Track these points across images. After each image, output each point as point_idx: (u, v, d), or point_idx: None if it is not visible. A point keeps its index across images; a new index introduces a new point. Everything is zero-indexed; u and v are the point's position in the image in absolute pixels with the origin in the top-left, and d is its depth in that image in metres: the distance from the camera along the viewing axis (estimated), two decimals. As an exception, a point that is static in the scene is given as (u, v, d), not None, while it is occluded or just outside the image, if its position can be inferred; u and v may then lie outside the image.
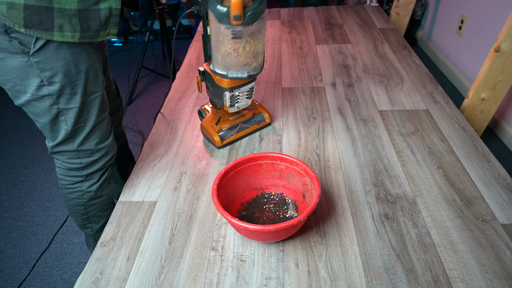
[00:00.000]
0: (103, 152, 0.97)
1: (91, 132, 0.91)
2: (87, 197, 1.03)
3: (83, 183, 1.00)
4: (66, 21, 0.73)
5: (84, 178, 0.99)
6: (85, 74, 0.84)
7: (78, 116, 0.87)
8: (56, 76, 0.79)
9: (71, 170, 0.97)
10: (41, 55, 0.76)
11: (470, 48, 2.15)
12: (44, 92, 0.80)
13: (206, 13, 0.97)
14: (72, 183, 1.00)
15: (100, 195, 1.05)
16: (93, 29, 0.77)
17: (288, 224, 0.68)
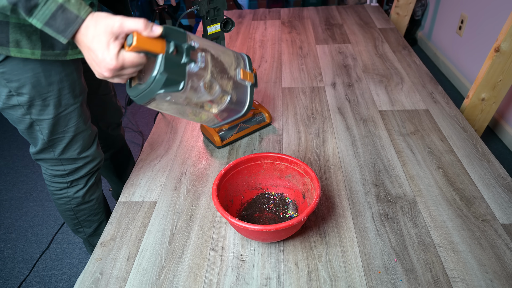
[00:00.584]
0: (87, 159, 0.97)
1: (71, 142, 0.90)
2: (75, 203, 1.03)
3: (69, 189, 1.00)
4: (24, 37, 0.69)
5: (70, 184, 0.99)
6: (58, 85, 0.79)
7: (53, 127, 0.85)
8: (24, 87, 0.76)
9: (56, 176, 0.97)
10: (6, 66, 0.73)
11: (470, 48, 2.15)
12: (14, 102, 0.78)
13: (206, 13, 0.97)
14: (58, 189, 1.00)
15: (88, 200, 1.05)
16: (58, 48, 0.74)
17: (288, 224, 0.68)
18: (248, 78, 0.66)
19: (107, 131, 1.19)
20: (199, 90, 0.60)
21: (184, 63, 0.56)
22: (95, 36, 0.54)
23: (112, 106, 1.16)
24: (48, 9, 0.54)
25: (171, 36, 0.55)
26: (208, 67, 0.61)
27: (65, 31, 0.56)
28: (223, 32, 1.03)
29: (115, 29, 0.54)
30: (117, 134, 1.24)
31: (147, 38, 0.54)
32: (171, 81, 0.55)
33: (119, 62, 0.55)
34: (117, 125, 1.22)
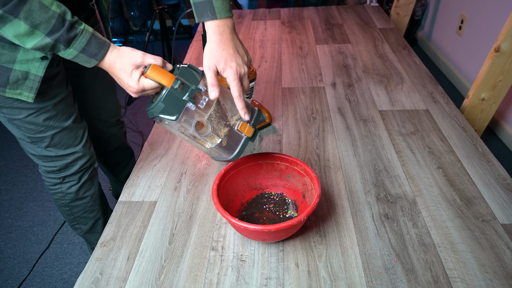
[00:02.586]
0: (76, 156, 0.97)
1: (54, 139, 0.91)
2: (69, 198, 1.05)
3: (62, 184, 1.01)
4: None
5: (62, 180, 1.00)
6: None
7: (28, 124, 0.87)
8: None
9: (49, 172, 0.99)
10: None
11: (470, 48, 2.15)
12: None
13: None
14: (52, 184, 1.02)
15: (82, 197, 1.06)
16: None
17: (288, 224, 0.68)
18: (245, 131, 0.71)
19: (102, 129, 1.19)
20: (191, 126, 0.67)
21: (185, 100, 0.64)
22: (121, 68, 0.67)
23: (108, 105, 1.15)
24: (84, 38, 0.64)
25: (183, 75, 0.65)
26: (209, 109, 0.68)
27: (97, 54, 0.66)
28: (223, 32, 1.03)
29: (138, 62, 0.66)
30: (114, 132, 1.24)
31: (159, 72, 0.64)
32: (167, 111, 0.64)
33: (140, 87, 0.67)
34: (114, 123, 1.22)
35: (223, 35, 0.67)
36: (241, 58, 0.69)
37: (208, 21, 0.67)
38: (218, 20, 0.66)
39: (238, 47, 0.69)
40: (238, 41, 0.70)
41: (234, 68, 0.67)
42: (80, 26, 0.64)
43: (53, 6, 0.61)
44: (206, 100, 0.67)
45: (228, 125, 0.70)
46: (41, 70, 0.77)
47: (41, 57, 0.76)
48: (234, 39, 0.69)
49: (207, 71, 0.66)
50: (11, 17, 0.58)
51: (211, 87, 0.67)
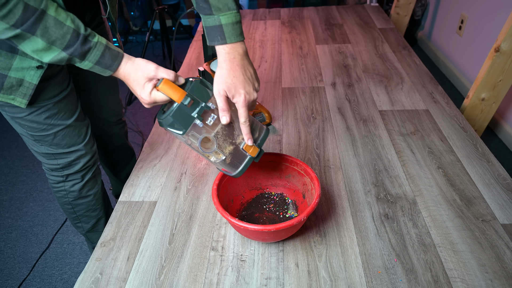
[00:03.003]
0: (79, 154, 0.98)
1: (57, 136, 0.92)
2: (72, 197, 1.05)
3: (65, 182, 1.02)
4: None
5: (66, 178, 1.01)
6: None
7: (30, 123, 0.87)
8: None
9: (52, 170, 0.99)
10: None
11: (470, 48, 2.15)
12: None
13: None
14: (56, 182, 1.02)
15: (85, 195, 1.06)
16: None
17: (288, 224, 0.68)
18: (250, 151, 0.72)
19: (103, 127, 1.19)
20: (198, 141, 0.69)
21: (193, 117, 0.66)
22: (135, 79, 0.68)
23: (110, 104, 1.15)
24: (98, 50, 0.66)
25: (194, 92, 0.66)
26: (216, 127, 0.69)
27: (112, 65, 0.68)
28: (223, 32, 1.03)
29: (151, 75, 0.68)
30: (115, 132, 1.24)
31: (170, 87, 0.65)
32: (175, 125, 0.66)
33: (151, 99, 0.68)
34: (115, 123, 1.22)
35: (234, 62, 0.67)
36: (251, 85, 0.69)
37: (218, 45, 0.67)
38: (228, 44, 0.67)
39: (248, 74, 0.70)
40: (249, 66, 0.70)
41: (243, 95, 0.68)
42: (94, 39, 0.65)
43: (68, 21, 0.62)
44: (215, 118, 0.68)
45: (233, 143, 0.71)
46: (36, 78, 0.78)
47: (37, 66, 0.77)
48: (245, 65, 0.69)
49: (217, 96, 0.67)
50: (28, 35, 0.61)
51: (222, 112, 0.68)
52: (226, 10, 0.65)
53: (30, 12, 0.59)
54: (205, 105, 0.66)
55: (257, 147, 0.72)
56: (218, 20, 0.66)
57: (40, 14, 0.60)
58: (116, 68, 0.68)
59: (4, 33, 0.60)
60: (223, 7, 0.65)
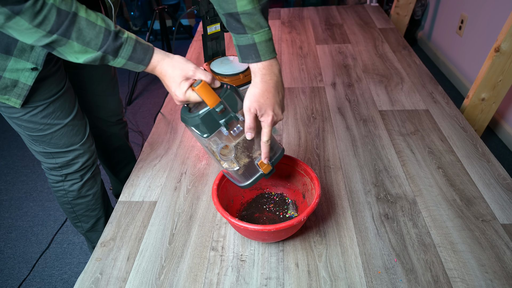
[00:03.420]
0: (77, 153, 0.97)
1: (54, 135, 0.92)
2: (71, 196, 1.05)
3: (64, 182, 1.02)
4: None
5: (65, 177, 1.01)
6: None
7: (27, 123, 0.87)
8: None
9: (50, 169, 0.99)
10: None
11: (470, 48, 2.15)
12: None
13: (206, 13, 0.97)
14: (55, 181, 1.02)
15: (84, 195, 1.06)
16: None
17: (288, 224, 0.68)
18: (263, 168, 0.73)
19: (102, 127, 1.19)
20: (218, 147, 0.69)
21: (220, 124, 0.66)
22: (172, 77, 0.68)
23: (109, 104, 1.15)
24: (130, 45, 0.66)
25: (227, 100, 0.67)
26: (238, 138, 0.70)
27: (144, 59, 0.67)
28: (223, 32, 1.03)
29: (189, 75, 0.67)
30: (115, 132, 1.24)
31: (207, 90, 0.65)
32: (201, 128, 0.66)
33: (185, 97, 0.68)
34: (115, 123, 1.22)
35: (269, 84, 0.68)
36: (280, 108, 0.70)
37: (253, 63, 0.67)
38: (263, 63, 0.67)
39: (280, 96, 0.70)
40: (282, 88, 0.71)
41: (271, 116, 0.68)
42: (124, 35, 0.66)
43: (98, 20, 0.63)
44: (240, 129, 0.69)
45: (250, 156, 0.72)
46: (31, 79, 0.78)
47: (31, 68, 0.77)
48: (278, 87, 0.69)
49: (247, 112, 0.68)
50: (64, 39, 0.61)
51: (248, 129, 0.69)
52: (259, 29, 0.66)
53: (63, 16, 0.59)
54: (235, 116, 0.67)
55: (270, 165, 0.73)
56: (252, 39, 0.66)
57: (72, 17, 0.60)
58: (148, 62, 0.68)
59: (42, 40, 0.61)
60: (255, 26, 0.65)
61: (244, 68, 0.97)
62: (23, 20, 0.58)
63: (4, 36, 0.72)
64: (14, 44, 0.73)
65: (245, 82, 0.98)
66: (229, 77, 0.95)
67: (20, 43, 0.73)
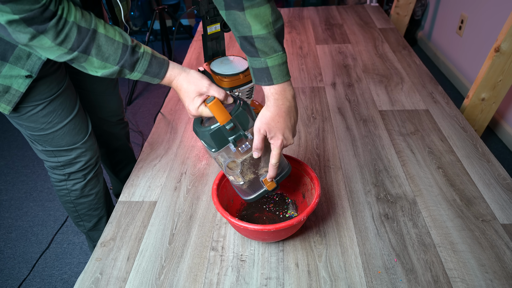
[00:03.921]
0: (79, 151, 0.97)
1: (56, 133, 0.92)
2: (74, 196, 1.05)
3: (67, 181, 1.02)
4: None
5: (67, 177, 1.01)
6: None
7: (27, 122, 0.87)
8: None
9: (53, 168, 0.99)
10: None
11: (470, 48, 2.15)
12: None
13: (206, 13, 0.97)
14: (58, 180, 1.02)
15: (87, 194, 1.06)
16: None
17: (288, 224, 0.68)
18: (267, 185, 0.74)
19: (103, 127, 1.19)
20: (225, 161, 0.71)
21: (229, 140, 0.68)
22: (187, 91, 0.70)
23: (109, 104, 1.15)
24: (146, 60, 0.68)
25: (238, 118, 0.68)
26: (245, 155, 0.71)
27: (159, 73, 0.70)
28: (223, 32, 1.03)
29: (202, 91, 0.69)
30: (116, 132, 1.24)
31: (218, 108, 0.67)
32: (210, 142, 0.68)
33: (198, 112, 0.71)
34: (115, 123, 1.22)
35: (281, 109, 0.68)
36: (291, 133, 0.71)
37: (265, 86, 0.68)
38: (276, 86, 0.67)
39: (292, 121, 0.71)
40: (294, 113, 0.71)
41: (280, 140, 0.69)
42: (140, 50, 0.67)
43: (117, 36, 0.65)
44: (248, 147, 0.71)
45: (255, 173, 0.74)
46: (24, 86, 0.78)
47: (26, 75, 0.77)
48: (291, 112, 0.69)
49: (256, 133, 0.68)
50: (85, 56, 0.64)
51: (255, 149, 0.69)
52: (272, 53, 0.66)
53: (84, 34, 0.61)
54: (244, 134, 0.68)
55: (275, 182, 0.74)
56: (265, 62, 0.66)
57: (92, 34, 0.62)
58: (163, 76, 0.70)
59: (63, 57, 0.63)
60: (269, 50, 0.66)
61: (244, 68, 0.97)
62: (46, 38, 0.60)
63: (2, 42, 0.72)
64: (11, 51, 0.73)
65: (245, 82, 0.98)
66: (229, 77, 0.95)
67: (17, 51, 0.73)
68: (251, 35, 0.65)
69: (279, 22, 0.67)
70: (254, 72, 0.68)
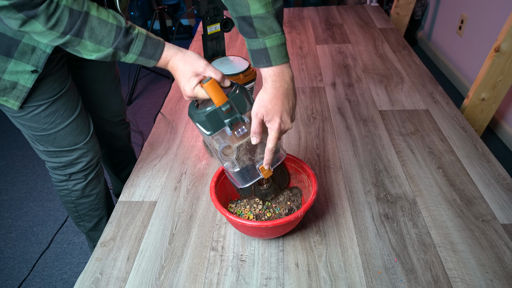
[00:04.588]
0: (80, 152, 0.97)
1: (58, 134, 0.92)
2: (75, 196, 1.05)
3: (68, 182, 1.02)
4: None
5: (69, 177, 1.01)
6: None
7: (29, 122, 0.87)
8: None
9: (54, 169, 0.99)
10: None
11: (470, 48, 2.15)
12: None
13: (206, 13, 0.97)
14: (59, 181, 1.02)
15: (88, 195, 1.06)
16: None
17: (286, 220, 0.68)
18: (264, 173, 0.73)
19: (104, 127, 1.19)
20: (220, 146, 0.69)
21: (225, 123, 0.67)
22: (182, 71, 0.69)
23: (111, 105, 1.15)
24: (140, 41, 0.66)
25: (235, 100, 0.67)
26: (242, 140, 0.70)
27: (154, 54, 0.68)
28: (223, 32, 1.03)
29: (199, 71, 0.68)
30: (117, 132, 1.24)
31: (214, 88, 0.66)
32: (206, 125, 0.67)
33: (193, 93, 0.68)
34: (117, 123, 1.22)
35: (279, 91, 0.67)
36: (289, 116, 0.69)
37: (263, 68, 0.67)
38: (274, 68, 0.66)
39: (290, 104, 0.69)
40: (292, 96, 0.70)
41: (278, 123, 0.67)
42: (135, 31, 0.66)
43: (110, 18, 0.64)
44: (244, 131, 0.69)
45: (251, 159, 0.72)
46: (30, 82, 0.78)
47: (31, 70, 0.77)
48: (289, 95, 0.68)
49: (254, 117, 0.67)
50: (78, 39, 0.63)
51: (253, 133, 0.68)
52: (271, 33, 0.65)
53: (76, 16, 0.60)
54: (240, 117, 0.67)
55: (271, 170, 0.73)
56: (263, 43, 0.65)
57: (84, 16, 0.61)
58: (159, 57, 0.68)
59: (56, 41, 0.62)
60: (268, 30, 0.65)
61: (244, 68, 0.97)
62: (37, 23, 0.59)
63: (5, 38, 0.72)
64: (15, 46, 0.73)
65: (245, 82, 0.98)
66: (229, 77, 0.94)
67: (21, 46, 0.74)
68: (250, 15, 0.64)
69: (278, 2, 0.65)
70: (252, 54, 0.67)
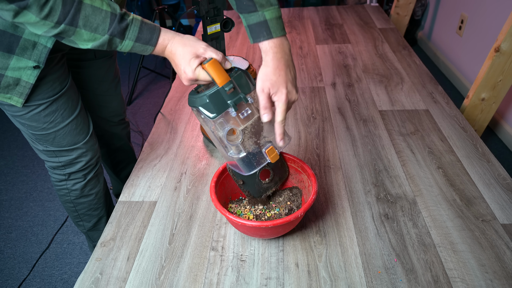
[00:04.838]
0: (80, 151, 0.97)
1: (57, 133, 0.92)
2: (74, 195, 1.05)
3: (67, 181, 1.02)
4: None
5: (68, 177, 1.01)
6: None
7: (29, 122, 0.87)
8: None
9: (54, 168, 0.99)
10: None
11: (470, 48, 2.15)
12: None
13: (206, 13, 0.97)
14: (58, 180, 1.02)
15: (87, 194, 1.06)
16: None
17: (286, 220, 0.68)
18: (271, 156, 0.71)
19: (104, 127, 1.19)
20: (224, 130, 0.67)
21: (229, 104, 0.65)
22: (182, 54, 0.67)
23: (111, 104, 1.15)
24: (136, 26, 0.65)
25: (237, 80, 0.66)
26: (247, 122, 0.68)
27: (151, 39, 0.67)
28: (223, 32, 1.03)
29: (199, 52, 0.67)
30: (117, 132, 1.24)
31: (217, 68, 0.64)
32: (209, 107, 0.65)
33: (194, 75, 0.67)
34: (116, 123, 1.22)
35: (281, 61, 0.67)
36: (293, 86, 0.69)
37: (264, 41, 0.67)
38: (275, 40, 0.67)
39: (292, 74, 0.69)
40: (293, 67, 0.70)
41: (284, 94, 0.67)
42: (129, 17, 0.66)
43: (104, 5, 0.63)
44: (248, 113, 0.68)
45: (257, 143, 0.71)
46: (33, 78, 0.78)
47: (33, 66, 0.77)
48: (290, 65, 0.68)
49: (260, 93, 0.67)
50: (72, 28, 0.62)
51: (263, 110, 0.67)
52: (269, 6, 0.66)
53: (69, 5, 0.60)
54: (244, 97, 0.66)
55: (278, 154, 0.71)
56: (263, 16, 0.66)
57: (77, 4, 0.60)
58: (156, 42, 0.67)
59: (50, 31, 0.62)
60: (266, 3, 0.66)
61: (244, 68, 0.97)
62: (30, 13, 0.58)
63: (7, 35, 0.72)
64: (16, 42, 0.73)
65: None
66: None
67: (22, 42, 0.74)
68: None
69: None
70: (252, 28, 0.67)
